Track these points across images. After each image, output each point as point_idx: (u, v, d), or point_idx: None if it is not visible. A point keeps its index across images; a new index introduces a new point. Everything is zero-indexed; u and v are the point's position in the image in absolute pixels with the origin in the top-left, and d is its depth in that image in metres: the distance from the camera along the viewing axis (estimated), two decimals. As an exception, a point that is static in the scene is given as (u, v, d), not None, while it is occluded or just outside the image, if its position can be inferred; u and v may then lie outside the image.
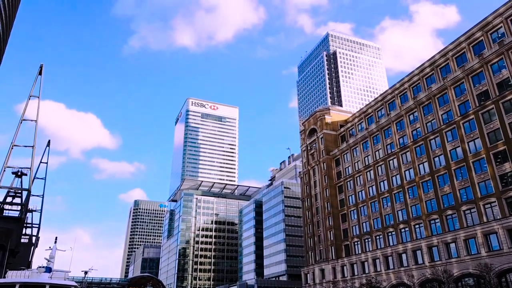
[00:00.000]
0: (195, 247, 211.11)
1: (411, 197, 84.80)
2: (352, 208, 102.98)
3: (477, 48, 74.56)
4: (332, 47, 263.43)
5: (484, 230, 65.79)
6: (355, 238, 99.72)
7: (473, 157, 71.42)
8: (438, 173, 78.48)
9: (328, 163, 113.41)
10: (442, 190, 76.99)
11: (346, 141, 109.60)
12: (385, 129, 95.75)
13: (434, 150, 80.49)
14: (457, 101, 76.19)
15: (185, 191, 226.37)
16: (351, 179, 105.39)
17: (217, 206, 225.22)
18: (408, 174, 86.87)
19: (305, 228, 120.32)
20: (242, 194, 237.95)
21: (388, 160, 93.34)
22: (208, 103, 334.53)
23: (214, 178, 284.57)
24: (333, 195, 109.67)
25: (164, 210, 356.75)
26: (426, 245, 77.10)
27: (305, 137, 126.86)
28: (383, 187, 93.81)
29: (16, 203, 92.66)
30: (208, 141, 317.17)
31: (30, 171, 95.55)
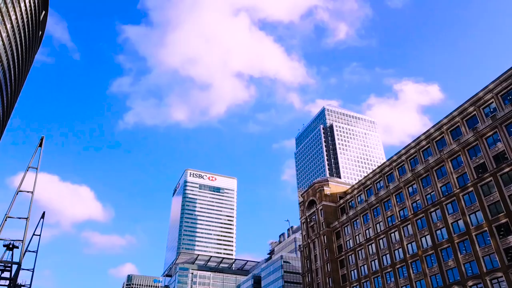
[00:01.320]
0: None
1: (415, 272, 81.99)
2: (355, 284, 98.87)
3: (470, 122, 77.06)
4: (328, 120, 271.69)
5: (493, 308, 62.86)
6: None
7: (475, 230, 70.46)
8: (441, 246, 76.82)
9: (329, 236, 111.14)
10: (447, 264, 74.81)
11: (346, 213, 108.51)
12: (385, 201, 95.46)
13: (436, 222, 79.60)
14: (455, 173, 77.06)
15: (181, 265, 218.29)
16: (352, 253, 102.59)
17: (213, 282, 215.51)
18: (410, 248, 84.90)
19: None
20: (240, 268, 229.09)
21: (389, 233, 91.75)
22: (206, 174, 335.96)
23: (211, 251, 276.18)
24: (334, 270, 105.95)
25: (158, 286, 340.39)
26: (434, 325, 73.02)
27: (304, 209, 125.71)
28: (386, 261, 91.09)
29: (5, 278, 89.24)
30: (206, 213, 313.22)
31: (22, 243, 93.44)
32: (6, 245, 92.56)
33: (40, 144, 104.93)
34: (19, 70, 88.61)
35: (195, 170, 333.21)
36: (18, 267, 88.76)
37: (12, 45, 77.60)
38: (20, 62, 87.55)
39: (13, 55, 79.38)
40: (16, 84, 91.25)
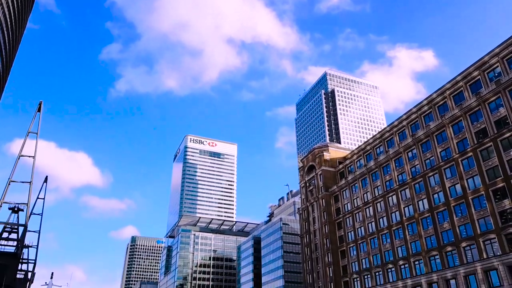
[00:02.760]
0: (192, 283, 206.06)
1: (410, 234, 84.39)
2: (351, 244, 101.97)
3: (474, 87, 76.64)
4: (330, 85, 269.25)
5: (484, 267, 65.30)
6: (354, 275, 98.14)
7: (472, 194, 71.87)
8: (438, 209, 78.61)
9: (327, 200, 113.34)
10: (442, 226, 76.87)
11: (345, 178, 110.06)
12: (384, 166, 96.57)
13: (433, 187, 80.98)
14: (455, 138, 77.52)
15: (183, 227, 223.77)
16: (350, 215, 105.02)
17: (215, 242, 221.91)
18: (407, 211, 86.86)
19: (304, 264, 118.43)
20: (240, 230, 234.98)
21: (387, 197, 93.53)
22: (207, 140, 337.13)
23: (212, 215, 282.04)
24: (332, 231, 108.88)
25: (161, 247, 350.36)
26: (426, 282, 76.10)
27: (304, 174, 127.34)
28: (383, 223, 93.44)
29: (12, 239, 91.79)
30: (206, 178, 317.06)
31: (26, 206, 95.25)
32: (11, 208, 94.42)
33: (38, 109, 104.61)
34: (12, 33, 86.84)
35: (195, 136, 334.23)
36: (25, 229, 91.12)
37: (3, 6, 75.70)
38: (14, 24, 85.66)
39: (5, 16, 77.58)
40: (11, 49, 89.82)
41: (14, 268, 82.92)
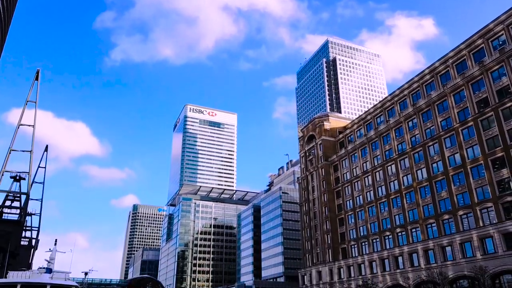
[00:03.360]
0: (193, 250, 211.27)
1: (408, 202, 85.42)
2: (350, 212, 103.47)
3: (477, 56, 75.41)
4: (331, 53, 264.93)
5: (480, 234, 66.42)
6: (352, 242, 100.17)
7: (471, 163, 72.12)
8: (436, 178, 79.15)
9: (327, 169, 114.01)
10: (440, 195, 77.65)
11: (345, 148, 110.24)
12: (384, 135, 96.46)
13: (433, 156, 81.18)
14: (457, 108, 76.98)
15: (184, 196, 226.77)
16: (349, 184, 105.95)
17: (215, 211, 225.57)
18: (406, 180, 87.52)
19: (303, 231, 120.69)
20: (240, 199, 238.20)
21: (386, 166, 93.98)
22: (206, 110, 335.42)
23: (213, 184, 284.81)
24: (331, 200, 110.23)
25: (162, 215, 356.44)
26: (422, 249, 77.64)
27: (304, 143, 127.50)
28: (381, 192, 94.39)
29: (15, 207, 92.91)
30: (207, 147, 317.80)
31: (28, 175, 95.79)
32: (13, 177, 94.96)
33: (36, 77, 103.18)
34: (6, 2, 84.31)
35: (195, 105, 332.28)
36: (27, 197, 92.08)
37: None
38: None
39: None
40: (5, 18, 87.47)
41: (18, 235, 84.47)
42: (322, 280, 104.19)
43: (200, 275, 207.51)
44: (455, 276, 68.77)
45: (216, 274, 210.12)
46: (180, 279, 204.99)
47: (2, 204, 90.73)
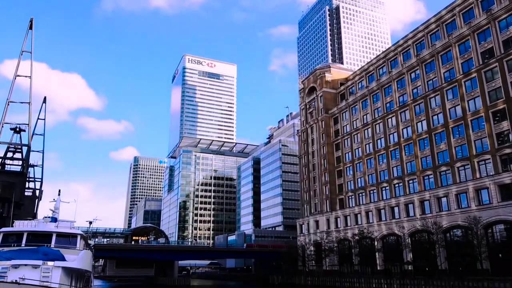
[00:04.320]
0: (195, 201, 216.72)
1: (407, 154, 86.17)
2: (348, 164, 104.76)
3: (485, 4, 72.73)
4: (335, 1, 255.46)
5: (476, 186, 67.60)
6: (349, 193, 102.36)
7: (472, 116, 71.88)
8: (436, 131, 79.26)
9: (327, 122, 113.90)
10: (438, 147, 78.15)
11: (346, 100, 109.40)
12: (386, 87, 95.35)
13: (434, 108, 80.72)
14: (461, 59, 75.44)
15: (184, 148, 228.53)
16: (348, 137, 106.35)
17: (215, 163, 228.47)
18: (405, 132, 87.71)
19: (302, 183, 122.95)
20: (240, 151, 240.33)
21: (386, 119, 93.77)
22: (205, 60, 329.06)
23: (213, 136, 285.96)
24: (330, 152, 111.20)
25: (163, 167, 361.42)
26: (418, 199, 79.40)
27: (304, 95, 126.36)
28: (380, 144, 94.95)
29: (17, 158, 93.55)
30: (206, 100, 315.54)
31: (28, 127, 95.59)
32: (13, 129, 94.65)
33: (30, 26, 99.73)
34: None
35: (193, 56, 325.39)
36: (28, 149, 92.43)
37: None
38: None
39: None
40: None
41: (22, 186, 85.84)
42: (319, 229, 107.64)
43: (201, 224, 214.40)
44: (449, 226, 70.85)
45: (217, 224, 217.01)
46: (182, 228, 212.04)
47: (4, 156, 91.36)
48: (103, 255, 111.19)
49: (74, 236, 26.14)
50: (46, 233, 25.03)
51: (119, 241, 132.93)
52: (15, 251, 21.73)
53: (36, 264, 20.68)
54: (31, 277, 18.21)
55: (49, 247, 23.60)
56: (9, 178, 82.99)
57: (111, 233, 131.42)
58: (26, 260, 20.63)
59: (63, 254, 22.67)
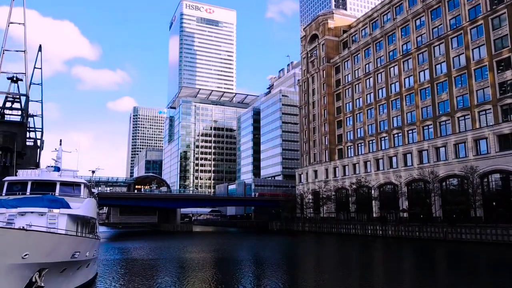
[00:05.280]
0: (195, 151, 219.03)
1: (407, 104, 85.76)
2: (349, 115, 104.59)
3: None
4: None
5: (474, 136, 67.92)
6: (348, 143, 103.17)
7: (475, 65, 70.66)
8: (438, 80, 78.27)
9: (328, 71, 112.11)
10: (440, 97, 77.58)
11: (348, 48, 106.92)
12: (389, 35, 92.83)
13: (437, 57, 79.13)
14: (468, 5, 72.77)
15: (184, 98, 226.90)
16: (349, 86, 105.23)
17: (215, 113, 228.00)
18: (407, 82, 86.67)
19: (301, 134, 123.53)
20: (240, 102, 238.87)
21: (389, 68, 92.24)
22: (204, 6, 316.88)
23: (212, 86, 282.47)
24: (330, 102, 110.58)
25: (163, 117, 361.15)
26: (416, 149, 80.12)
27: (306, 43, 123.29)
28: (381, 94, 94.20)
29: (16, 108, 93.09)
30: (205, 48, 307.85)
31: (25, 76, 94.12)
32: (10, 78, 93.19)
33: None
34: None
35: (191, 1, 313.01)
36: (27, 98, 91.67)
37: None
38: None
39: None
40: None
41: (23, 135, 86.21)
42: (318, 178, 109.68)
43: (202, 174, 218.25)
44: (446, 175, 72.10)
45: (217, 173, 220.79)
46: (183, 177, 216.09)
47: (3, 106, 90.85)
48: (107, 203, 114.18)
49: (78, 184, 26.51)
50: (50, 182, 25.30)
51: (122, 190, 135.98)
52: (20, 199, 22.19)
53: (42, 212, 21.21)
54: (38, 224, 18.75)
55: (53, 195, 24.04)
56: (10, 128, 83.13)
57: (113, 182, 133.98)
58: (32, 208, 21.11)
59: (67, 202, 23.15)
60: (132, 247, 55.22)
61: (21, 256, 14.91)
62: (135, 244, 60.57)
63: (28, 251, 15.12)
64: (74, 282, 21.21)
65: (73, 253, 18.94)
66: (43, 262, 16.41)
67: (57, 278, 18.39)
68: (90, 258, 22.98)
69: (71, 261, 19.07)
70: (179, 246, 57.58)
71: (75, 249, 19.17)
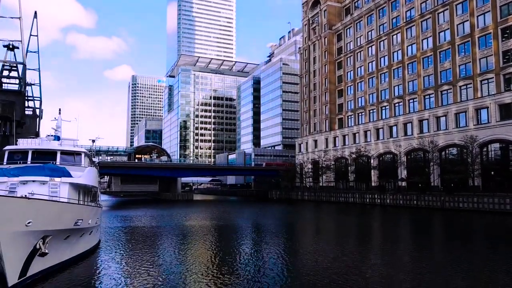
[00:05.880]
0: (195, 120, 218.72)
1: (409, 73, 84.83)
2: (350, 84, 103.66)
3: None
4: None
5: (476, 105, 67.55)
6: (349, 112, 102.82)
7: (479, 32, 69.33)
8: (441, 48, 77.04)
9: (330, 39, 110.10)
10: (442, 66, 76.62)
11: (351, 14, 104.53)
12: (393, 1, 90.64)
13: (441, 24, 77.50)
14: (474, -31, 70.56)
15: (183, 67, 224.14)
16: (351, 55, 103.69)
17: (215, 82, 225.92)
18: (410, 50, 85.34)
19: (302, 103, 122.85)
20: (240, 70, 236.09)
21: (391, 35, 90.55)
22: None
23: (211, 54, 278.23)
24: (331, 71, 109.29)
25: (162, 86, 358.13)
26: (417, 118, 79.91)
27: (307, 9, 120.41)
28: (383, 62, 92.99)
29: (14, 77, 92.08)
30: (204, 15, 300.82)
31: (21, 43, 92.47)
32: (6, 46, 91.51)
33: None
34: None
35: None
36: (24, 66, 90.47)
37: None
38: None
39: None
40: None
41: (21, 104, 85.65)
42: (318, 148, 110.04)
43: (202, 144, 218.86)
44: (445, 145, 72.26)
45: (217, 143, 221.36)
46: (183, 147, 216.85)
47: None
48: (108, 172, 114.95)
49: (78, 153, 26.48)
50: (51, 151, 25.25)
51: (122, 159, 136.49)
52: (22, 168, 22.24)
53: (43, 180, 21.32)
54: (40, 193, 18.93)
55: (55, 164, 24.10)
56: (8, 97, 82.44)
57: (114, 152, 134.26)
58: (34, 177, 21.20)
59: (69, 171, 23.25)
60: (133, 215, 56.16)
61: (25, 224, 15.13)
62: (137, 212, 61.59)
63: (31, 219, 15.33)
64: (78, 248, 21.66)
65: (76, 220, 19.22)
66: (47, 230, 16.68)
67: (61, 245, 18.77)
68: (93, 225, 23.34)
69: (74, 229, 19.39)
70: (180, 214, 58.55)
71: (77, 217, 19.44)
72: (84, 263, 21.35)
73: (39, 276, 17.11)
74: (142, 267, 20.55)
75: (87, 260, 22.15)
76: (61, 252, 19.17)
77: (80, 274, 19.17)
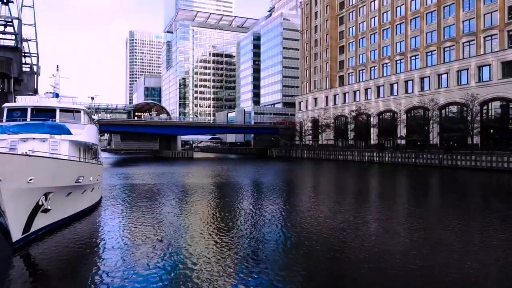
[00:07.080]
0: (194, 78, 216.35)
1: (412, 29, 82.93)
2: (351, 40, 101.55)
3: None
4: None
5: (478, 62, 66.64)
6: (350, 69, 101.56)
7: (486, -14, 67.05)
8: (445, 3, 74.85)
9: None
10: (446, 21, 74.75)
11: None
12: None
13: (447, -23, 74.72)
14: None
15: (181, 21, 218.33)
16: (353, 9, 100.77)
17: (214, 38, 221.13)
18: (413, 5, 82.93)
19: (302, 60, 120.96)
20: (239, 26, 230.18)
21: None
22: None
23: (210, 9, 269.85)
24: (333, 26, 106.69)
25: (160, 42, 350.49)
26: (418, 76, 79.13)
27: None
28: (386, 18, 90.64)
29: (9, 32, 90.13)
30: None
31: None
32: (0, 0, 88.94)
33: None
34: None
35: None
36: (19, 21, 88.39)
37: None
38: None
39: None
40: None
41: (19, 61, 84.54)
42: (318, 106, 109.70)
43: (201, 101, 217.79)
44: (446, 103, 72.01)
45: (216, 101, 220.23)
46: (183, 104, 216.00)
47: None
48: (108, 130, 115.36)
49: (78, 111, 26.44)
50: (50, 108, 25.17)
51: (122, 117, 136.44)
52: (21, 125, 22.31)
53: (44, 138, 21.46)
54: (40, 150, 19.17)
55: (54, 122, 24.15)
56: (5, 53, 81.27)
57: (113, 109, 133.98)
58: (34, 134, 21.31)
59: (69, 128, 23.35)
60: (134, 172, 57.07)
61: (27, 181, 15.47)
62: (138, 170, 62.53)
63: (33, 176, 15.65)
64: (80, 204, 22.26)
65: (77, 178, 19.63)
66: (48, 187, 17.08)
67: (63, 202, 19.29)
68: (94, 182, 23.81)
69: (76, 185, 19.84)
70: (181, 171, 59.46)
71: (78, 174, 19.83)
72: (87, 219, 22.05)
73: (43, 232, 17.69)
74: (143, 222, 21.27)
75: (90, 217, 22.84)
76: (64, 208, 19.73)
77: (83, 229, 19.88)
